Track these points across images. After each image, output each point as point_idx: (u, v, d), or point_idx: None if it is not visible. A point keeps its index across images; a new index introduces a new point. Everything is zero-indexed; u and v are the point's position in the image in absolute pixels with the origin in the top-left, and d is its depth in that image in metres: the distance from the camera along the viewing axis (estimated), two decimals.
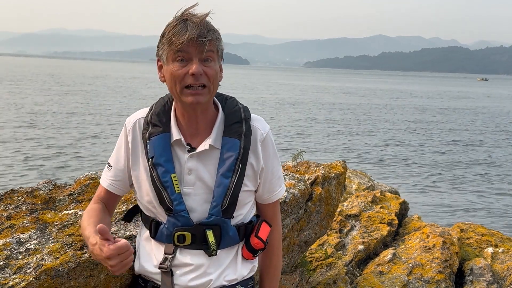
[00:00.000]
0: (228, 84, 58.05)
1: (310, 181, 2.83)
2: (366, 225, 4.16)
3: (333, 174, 2.97)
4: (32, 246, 1.66)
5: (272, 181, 1.61)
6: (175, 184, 1.47)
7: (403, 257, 3.67)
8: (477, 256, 3.95)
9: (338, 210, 4.23)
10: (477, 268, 3.65)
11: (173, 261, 1.50)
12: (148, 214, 1.56)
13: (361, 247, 3.85)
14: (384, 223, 4.16)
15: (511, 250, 4.03)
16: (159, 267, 1.50)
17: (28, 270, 1.56)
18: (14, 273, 1.55)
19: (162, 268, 1.49)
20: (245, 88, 55.51)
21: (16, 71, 68.21)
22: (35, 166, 11.99)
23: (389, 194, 4.94)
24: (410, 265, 3.53)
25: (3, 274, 1.54)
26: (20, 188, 2.02)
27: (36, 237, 1.72)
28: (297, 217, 2.64)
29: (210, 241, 1.46)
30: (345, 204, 4.52)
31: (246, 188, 1.53)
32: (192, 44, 1.38)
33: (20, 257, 1.61)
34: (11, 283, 1.52)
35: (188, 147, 1.50)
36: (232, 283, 1.54)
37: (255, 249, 1.56)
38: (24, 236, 1.71)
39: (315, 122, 24.65)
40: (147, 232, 1.56)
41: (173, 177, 1.47)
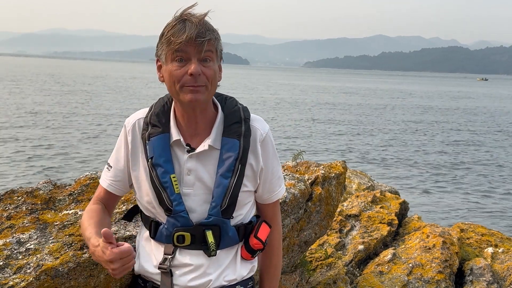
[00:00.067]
0: (228, 84, 58.04)
1: (310, 181, 2.83)
2: (366, 225, 4.16)
3: (333, 174, 2.97)
4: (32, 246, 1.66)
5: (272, 181, 1.61)
6: (175, 185, 1.47)
7: (403, 257, 3.66)
8: (477, 256, 3.95)
9: (338, 210, 4.22)
10: (477, 268, 3.65)
11: (173, 262, 1.49)
12: (148, 214, 1.56)
13: (361, 247, 3.85)
14: (384, 223, 4.16)
15: (511, 250, 4.03)
16: (159, 268, 1.50)
17: (28, 270, 1.56)
18: (14, 273, 1.55)
19: (162, 269, 1.49)
20: (245, 88, 55.49)
21: (16, 71, 68.20)
22: (35, 166, 11.99)
23: (389, 194, 4.93)
24: (410, 265, 3.53)
25: (3, 274, 1.54)
26: (20, 188, 2.02)
27: (36, 237, 1.72)
28: (297, 217, 2.64)
29: (210, 242, 1.46)
30: (345, 204, 4.52)
31: (246, 188, 1.53)
32: (190, 44, 1.38)
33: (20, 257, 1.61)
34: (11, 283, 1.52)
35: (188, 147, 1.50)
36: (231, 283, 1.54)
37: (254, 249, 1.56)
38: (24, 236, 1.71)
39: (315, 122, 24.64)
40: (147, 232, 1.56)
41: (173, 177, 1.47)
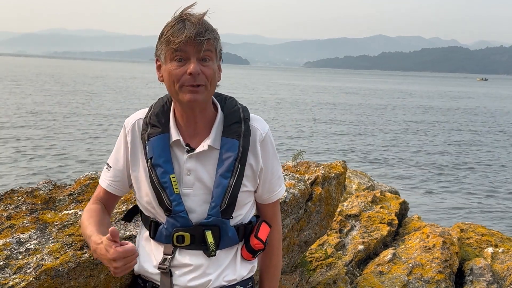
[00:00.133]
0: (228, 84, 58.05)
1: (310, 181, 2.83)
2: (366, 225, 4.15)
3: (333, 174, 2.97)
4: (32, 246, 1.66)
5: (272, 181, 1.60)
6: (174, 185, 1.47)
7: (403, 257, 3.66)
8: (477, 256, 3.94)
9: (338, 210, 4.22)
10: (477, 268, 3.65)
11: (172, 262, 1.49)
12: (148, 214, 1.56)
13: (361, 247, 3.85)
14: (384, 223, 4.16)
15: (511, 250, 4.03)
16: (158, 268, 1.50)
17: (28, 270, 1.56)
18: (14, 273, 1.55)
19: (161, 269, 1.49)
20: (245, 88, 55.48)
21: (16, 71, 68.21)
22: (35, 166, 11.99)
23: (389, 194, 4.93)
24: (410, 265, 3.53)
25: (3, 274, 1.54)
26: (20, 188, 2.02)
27: (36, 237, 1.72)
28: (297, 217, 2.64)
29: (209, 242, 1.46)
30: (345, 204, 4.52)
31: (245, 188, 1.52)
32: (190, 44, 1.38)
33: (20, 257, 1.61)
34: (11, 283, 1.52)
35: (187, 147, 1.50)
36: (231, 283, 1.54)
37: (255, 249, 1.56)
38: (24, 236, 1.71)
39: (315, 122, 24.64)
40: (147, 233, 1.56)
41: (172, 177, 1.47)
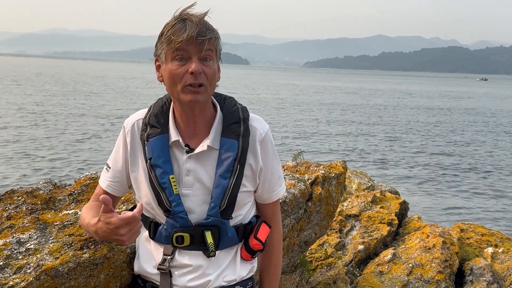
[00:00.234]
0: (228, 84, 58.07)
1: (310, 181, 2.83)
2: (366, 225, 4.15)
3: (333, 174, 2.97)
4: (32, 246, 1.66)
5: (272, 181, 1.60)
6: (173, 185, 1.46)
7: (403, 257, 3.66)
8: (477, 256, 3.94)
9: (338, 210, 4.22)
10: (477, 268, 3.65)
11: (172, 262, 1.49)
12: (147, 215, 1.56)
13: (361, 247, 3.85)
14: (384, 223, 4.16)
15: (511, 250, 4.03)
16: (158, 268, 1.50)
17: (28, 270, 1.56)
18: (14, 273, 1.55)
19: (161, 269, 1.49)
20: (245, 88, 55.48)
21: (16, 71, 68.22)
22: (35, 166, 11.99)
23: (389, 194, 4.93)
24: (410, 265, 3.53)
25: (3, 274, 1.54)
26: (20, 188, 2.02)
27: (36, 237, 1.72)
28: (297, 217, 2.64)
29: (209, 242, 1.46)
30: (345, 204, 4.52)
31: (245, 188, 1.52)
32: (191, 43, 1.38)
33: (20, 257, 1.61)
34: (11, 283, 1.52)
35: (187, 148, 1.50)
36: (231, 283, 1.54)
37: (254, 250, 1.56)
38: (24, 236, 1.71)
39: (315, 122, 24.64)
40: (147, 233, 1.56)
41: (171, 178, 1.47)
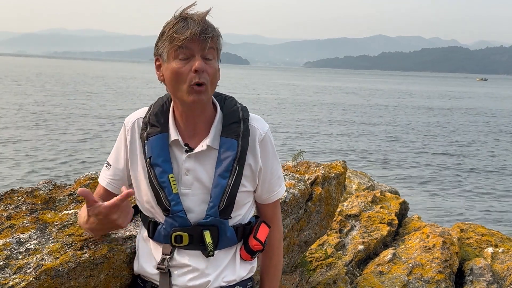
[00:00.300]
0: (228, 84, 58.08)
1: (310, 181, 2.83)
2: (366, 225, 4.15)
3: (333, 174, 2.97)
4: (32, 246, 1.66)
5: (271, 181, 1.60)
6: (173, 185, 1.46)
7: (403, 257, 3.66)
8: (477, 256, 3.94)
9: (338, 210, 4.22)
10: (477, 268, 3.65)
11: (171, 262, 1.49)
12: (147, 214, 1.56)
13: (361, 247, 3.85)
14: (384, 223, 4.16)
15: (511, 250, 4.03)
16: (157, 268, 1.50)
17: (28, 270, 1.56)
18: (14, 273, 1.55)
19: (160, 269, 1.49)
20: (245, 88, 55.48)
21: (17, 71, 68.22)
22: (35, 166, 11.99)
23: (389, 194, 4.93)
24: (410, 265, 3.53)
25: (3, 274, 1.54)
26: (20, 188, 2.02)
27: (36, 237, 1.72)
28: (297, 217, 2.64)
29: (207, 242, 1.45)
30: (345, 204, 4.52)
31: (244, 188, 1.52)
32: (194, 41, 1.37)
33: (20, 257, 1.61)
34: (11, 283, 1.52)
35: (186, 147, 1.50)
36: (230, 284, 1.54)
37: (253, 250, 1.55)
38: (24, 236, 1.71)
39: (315, 122, 24.64)
40: (146, 232, 1.56)
41: (171, 177, 1.47)
